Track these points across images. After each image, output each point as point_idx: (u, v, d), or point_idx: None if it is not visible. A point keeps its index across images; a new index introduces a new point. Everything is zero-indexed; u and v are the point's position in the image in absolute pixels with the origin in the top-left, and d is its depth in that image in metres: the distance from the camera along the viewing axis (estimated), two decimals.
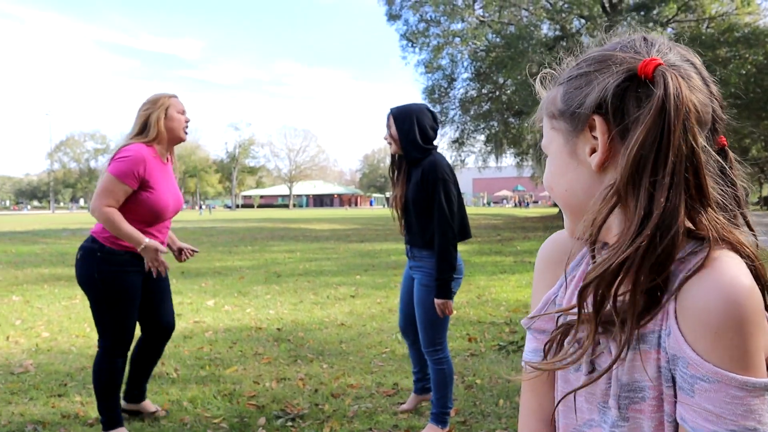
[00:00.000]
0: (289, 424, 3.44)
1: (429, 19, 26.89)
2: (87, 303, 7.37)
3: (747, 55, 21.13)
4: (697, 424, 0.70)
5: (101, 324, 3.15)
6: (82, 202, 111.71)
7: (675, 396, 0.75)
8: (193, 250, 3.58)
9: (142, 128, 3.17)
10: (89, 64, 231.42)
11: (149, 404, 3.58)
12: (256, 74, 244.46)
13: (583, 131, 0.82)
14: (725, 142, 0.87)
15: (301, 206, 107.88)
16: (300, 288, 8.70)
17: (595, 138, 0.81)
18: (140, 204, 3.09)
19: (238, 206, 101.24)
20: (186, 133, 3.31)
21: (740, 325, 0.68)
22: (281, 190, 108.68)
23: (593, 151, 0.81)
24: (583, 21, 23.56)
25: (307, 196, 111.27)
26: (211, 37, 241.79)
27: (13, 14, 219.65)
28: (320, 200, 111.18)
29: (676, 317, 0.73)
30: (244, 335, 5.69)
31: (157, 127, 3.16)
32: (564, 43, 23.02)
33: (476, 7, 25.81)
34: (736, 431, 0.68)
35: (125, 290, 3.12)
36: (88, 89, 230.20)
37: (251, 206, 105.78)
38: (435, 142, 3.28)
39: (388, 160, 3.42)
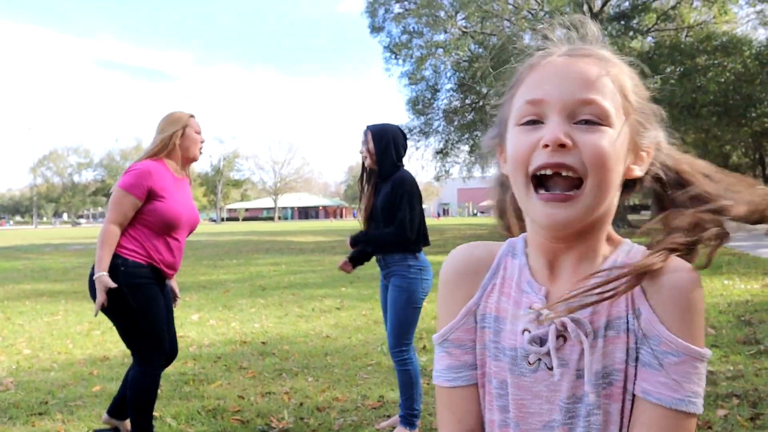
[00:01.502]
0: None
1: (412, 30, 27.05)
2: (69, 319, 7.30)
3: (725, 63, 21.44)
4: (662, 394, 0.79)
5: (136, 336, 3.12)
6: (65, 216, 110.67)
7: (635, 374, 0.82)
8: (175, 296, 3.58)
9: (160, 144, 3.22)
10: (73, 78, 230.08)
11: (128, 424, 3.50)
12: (241, 87, 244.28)
13: (643, 139, 0.90)
14: None
15: (286, 219, 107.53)
16: (285, 301, 8.65)
17: (647, 153, 0.91)
18: (151, 213, 3.11)
19: (223, 219, 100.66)
20: (201, 153, 3.38)
21: (701, 306, 0.82)
22: (266, 202, 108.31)
23: (640, 159, 0.90)
24: (564, 31, 23.73)
25: (292, 208, 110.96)
26: (197, 50, 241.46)
27: None
28: (305, 212, 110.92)
29: (647, 300, 0.82)
30: (229, 349, 5.63)
31: (173, 144, 3.23)
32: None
33: (458, 18, 25.99)
34: (691, 395, 0.80)
35: (153, 298, 3.13)
36: (71, 103, 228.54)
37: (236, 219, 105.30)
38: (403, 160, 3.58)
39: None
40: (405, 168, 3.57)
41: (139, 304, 3.09)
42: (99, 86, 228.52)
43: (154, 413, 3.78)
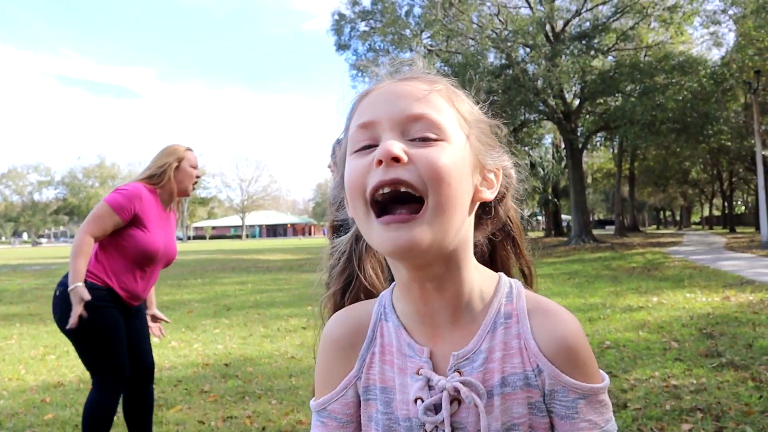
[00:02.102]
0: None
1: (378, 48, 27.24)
2: (24, 343, 7.04)
3: (683, 82, 22.05)
4: None
5: (93, 359, 3.01)
6: (25, 236, 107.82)
7: (550, 425, 0.83)
8: (161, 327, 3.52)
9: (152, 173, 3.16)
10: (34, 95, 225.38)
11: None
12: (207, 103, 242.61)
13: (488, 159, 0.88)
14: None
15: (254, 236, 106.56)
16: (250, 321, 8.50)
17: (495, 176, 0.90)
18: (129, 240, 3.01)
19: (189, 238, 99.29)
20: (194, 188, 3.31)
21: (587, 343, 0.84)
22: (234, 220, 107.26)
23: (489, 182, 0.89)
24: (527, 50, 24.19)
25: (260, 226, 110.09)
26: (160, 66, 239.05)
27: None
28: (273, 230, 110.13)
29: (544, 355, 0.81)
30: (190, 372, 5.48)
31: (167, 176, 3.16)
32: (510, 71, 23.56)
33: (424, 36, 26.26)
34: (606, 424, 0.82)
35: (110, 322, 3.00)
36: (31, 120, 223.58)
37: (203, 237, 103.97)
38: None
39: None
40: None
41: (93, 326, 2.96)
42: (60, 102, 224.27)
43: None
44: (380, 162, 0.75)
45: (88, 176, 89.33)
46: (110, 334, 3.00)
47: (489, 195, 0.87)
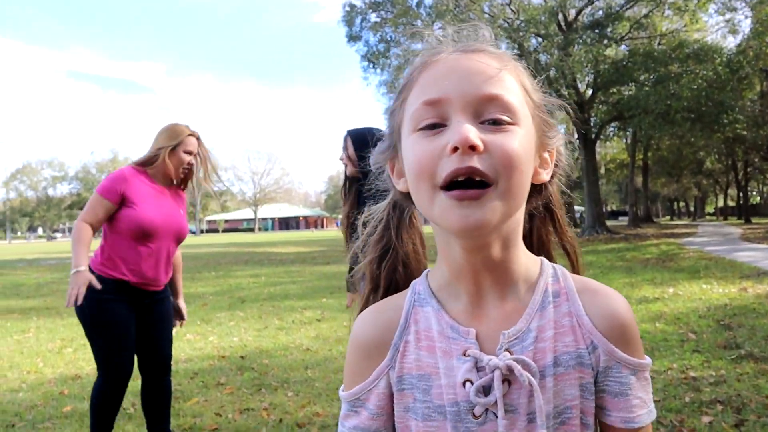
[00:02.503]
0: None
1: (389, 39, 27.13)
2: (41, 336, 7.11)
3: (698, 71, 21.79)
4: (639, 416, 0.81)
5: (95, 353, 3.08)
6: (40, 231, 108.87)
7: (599, 405, 0.82)
8: (181, 319, 3.54)
9: (147, 158, 3.20)
10: (46, 90, 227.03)
11: None
12: (218, 97, 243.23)
13: (549, 140, 0.86)
14: None
15: (266, 230, 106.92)
16: (264, 313, 8.52)
17: (549, 156, 0.88)
18: (123, 220, 3.06)
19: (202, 231, 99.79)
20: (182, 175, 3.30)
21: (635, 321, 0.85)
22: (246, 213, 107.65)
23: (546, 163, 0.87)
24: (540, 39, 23.99)
25: (273, 219, 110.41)
26: (171, 60, 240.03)
27: None
28: (286, 223, 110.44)
29: (599, 331, 0.81)
30: (207, 365, 5.50)
31: (162, 159, 3.18)
32: (522, 61, 23.37)
33: (435, 27, 26.04)
34: (651, 405, 0.83)
35: (114, 318, 3.03)
36: (44, 115, 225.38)
37: (216, 231, 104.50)
38: None
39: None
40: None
41: (97, 322, 3.01)
42: (71, 98, 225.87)
43: None
44: (455, 149, 0.72)
45: (102, 171, 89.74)
46: (112, 329, 3.03)
47: (545, 176, 0.86)
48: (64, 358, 5.95)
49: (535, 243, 0.96)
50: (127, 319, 3.08)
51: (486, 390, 0.78)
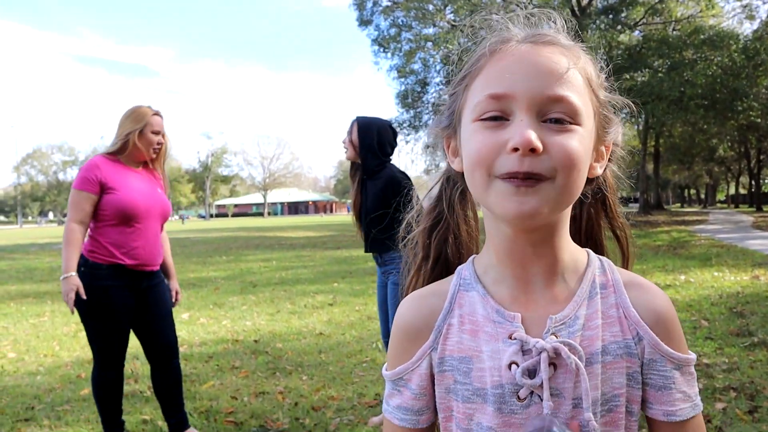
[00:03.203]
0: None
1: (400, 24, 26.97)
2: (56, 320, 7.19)
3: (712, 57, 21.53)
4: (682, 410, 0.81)
5: (89, 338, 3.14)
6: (51, 215, 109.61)
7: (642, 397, 0.83)
8: (175, 301, 3.57)
9: (115, 147, 3.19)
10: (55, 75, 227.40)
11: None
12: (227, 82, 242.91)
13: (606, 135, 0.87)
14: None
15: (276, 214, 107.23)
16: (277, 298, 8.58)
17: (605, 150, 0.88)
18: (106, 207, 3.08)
19: (212, 216, 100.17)
20: (154, 155, 3.30)
21: (678, 318, 0.86)
22: (256, 198, 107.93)
23: (601, 156, 0.87)
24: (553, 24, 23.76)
25: (282, 203, 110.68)
26: (179, 45, 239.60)
27: None
28: (295, 207, 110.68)
29: (646, 324, 0.82)
30: (221, 348, 5.56)
31: (131, 143, 3.17)
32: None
33: (447, 11, 25.91)
34: (696, 399, 0.84)
35: (107, 305, 3.06)
36: (54, 100, 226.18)
37: (225, 215, 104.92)
38: (391, 158, 3.53)
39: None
40: (393, 164, 3.50)
41: (92, 309, 3.05)
42: (80, 83, 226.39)
43: (145, 417, 3.73)
44: (515, 149, 0.73)
45: None
46: (105, 315, 3.07)
47: (599, 170, 0.87)
48: (79, 341, 6.02)
49: (584, 227, 0.96)
50: (123, 305, 3.11)
51: (531, 373, 0.79)
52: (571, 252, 0.86)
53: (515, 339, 0.80)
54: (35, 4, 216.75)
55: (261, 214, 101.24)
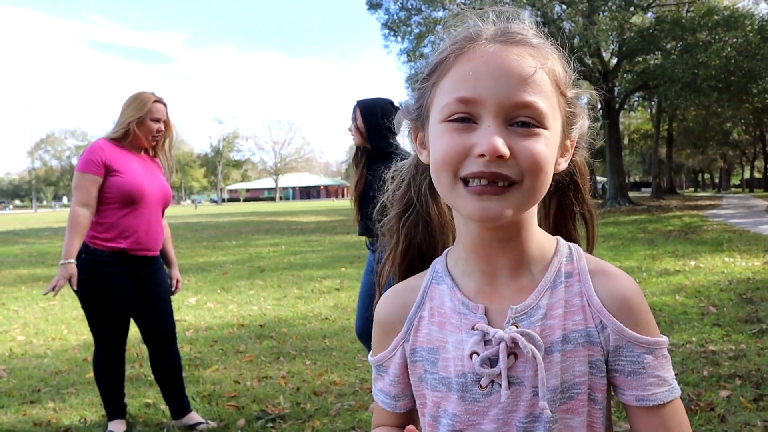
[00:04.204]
0: (270, 425, 3.35)
1: (410, 7, 26.71)
2: (65, 303, 7.25)
3: (727, 38, 21.17)
4: (655, 394, 0.81)
5: (90, 325, 3.16)
6: (65, 200, 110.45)
7: (614, 384, 0.84)
8: (176, 289, 3.56)
9: (116, 134, 3.18)
10: (67, 61, 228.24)
11: (194, 416, 3.41)
12: (238, 66, 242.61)
13: (572, 131, 0.87)
14: None
15: (287, 199, 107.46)
16: (284, 282, 8.60)
17: (570, 143, 0.89)
18: (110, 189, 3.07)
19: (224, 200, 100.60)
20: (154, 143, 3.28)
21: (646, 303, 0.85)
22: (267, 183, 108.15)
23: (566, 151, 0.88)
24: (564, 7, 23.46)
25: (294, 188, 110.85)
26: (191, 30, 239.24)
27: None
28: (307, 192, 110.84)
29: (608, 311, 0.82)
30: (226, 333, 5.58)
31: (129, 129, 3.16)
32: (545, 29, 22.82)
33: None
34: (672, 382, 0.83)
35: (109, 292, 3.07)
36: (67, 86, 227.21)
37: (237, 200, 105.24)
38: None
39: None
40: (401, 147, 3.46)
41: (93, 295, 3.07)
42: (93, 68, 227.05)
43: (148, 400, 3.75)
44: (482, 155, 0.74)
45: None
46: (107, 301, 3.08)
47: (564, 165, 0.88)
48: (87, 324, 6.05)
49: (553, 213, 0.98)
50: (125, 291, 3.12)
51: (492, 362, 0.81)
52: (539, 242, 0.87)
53: (477, 330, 0.83)
54: None
55: (272, 199, 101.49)
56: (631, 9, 22.75)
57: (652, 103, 31.62)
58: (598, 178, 43.54)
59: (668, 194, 42.13)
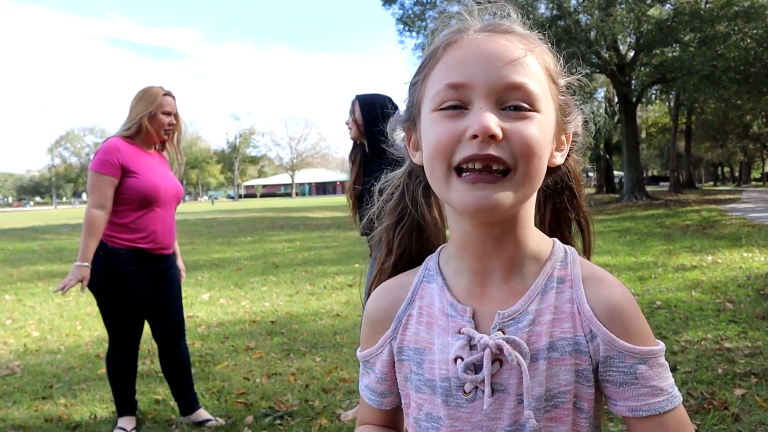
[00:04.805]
0: (278, 422, 3.34)
1: (425, 2, 26.59)
2: (81, 299, 7.32)
3: (746, 30, 20.80)
4: (649, 405, 0.77)
5: (106, 322, 3.16)
6: (84, 196, 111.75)
7: (605, 395, 0.81)
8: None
9: (128, 129, 3.16)
10: (85, 58, 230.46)
11: (202, 413, 3.42)
12: (254, 62, 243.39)
13: (567, 124, 0.86)
14: None
15: (303, 194, 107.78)
16: (297, 278, 8.61)
17: (566, 138, 0.87)
18: (128, 190, 3.06)
19: (240, 196, 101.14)
20: (166, 136, 3.27)
21: (640, 311, 0.81)
22: (284, 179, 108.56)
23: (561, 145, 0.86)
24: (580, 0, 23.21)
25: (310, 184, 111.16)
26: (206, 27, 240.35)
27: (2, 11, 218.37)
28: (323, 188, 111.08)
29: (598, 320, 0.79)
30: (237, 329, 5.59)
31: (143, 128, 3.15)
32: (562, 23, 22.72)
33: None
34: (670, 391, 0.79)
35: (126, 290, 3.08)
36: (85, 84, 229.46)
37: (254, 196, 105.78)
38: None
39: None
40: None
41: (109, 293, 3.07)
42: (110, 65, 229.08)
43: (158, 396, 3.77)
44: (474, 136, 0.73)
45: None
46: (124, 299, 3.09)
47: (560, 159, 0.86)
48: (100, 320, 6.06)
49: (549, 219, 0.96)
50: (141, 289, 3.13)
51: (477, 368, 0.80)
52: (535, 244, 0.85)
53: (463, 334, 0.81)
54: None
55: (289, 195, 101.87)
56: (649, 1, 22.44)
57: (670, 96, 31.18)
58: (615, 173, 43.15)
59: (687, 188, 41.64)
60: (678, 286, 6.50)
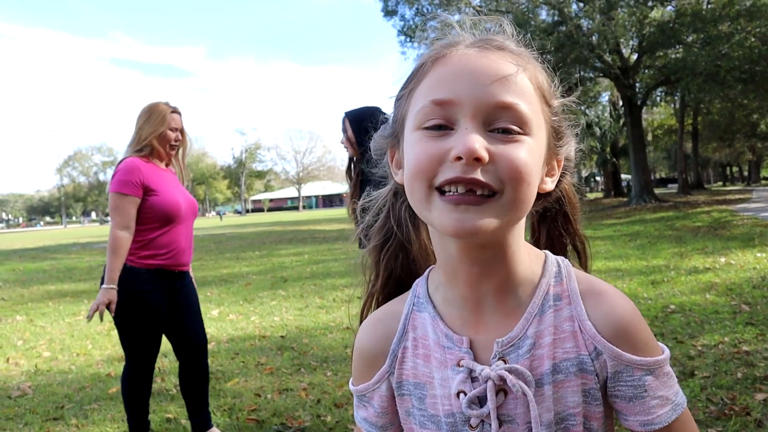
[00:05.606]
0: None
1: (425, 12, 26.66)
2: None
3: (749, 28, 20.73)
4: (659, 416, 0.75)
5: (123, 342, 3.13)
6: (93, 215, 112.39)
7: (616, 410, 0.79)
8: None
9: (139, 148, 3.15)
10: (91, 79, 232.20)
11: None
12: (257, 77, 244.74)
13: (559, 149, 0.82)
14: None
15: (310, 207, 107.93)
16: (306, 292, 8.57)
17: (557, 164, 0.83)
18: (150, 210, 3.05)
19: (248, 211, 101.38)
20: (172, 152, 3.26)
21: (644, 322, 0.79)
22: (290, 192, 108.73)
23: (552, 170, 0.82)
24: (581, 4, 23.21)
25: (317, 197, 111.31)
26: (209, 44, 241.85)
27: (5, 33, 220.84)
28: (329, 200, 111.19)
29: (602, 336, 0.76)
30: (248, 345, 5.55)
31: (148, 142, 3.14)
32: (563, 28, 22.71)
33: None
34: (676, 398, 0.77)
35: (144, 310, 3.06)
36: (92, 104, 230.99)
37: (261, 210, 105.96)
38: None
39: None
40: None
41: (127, 313, 3.03)
42: (116, 85, 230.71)
43: (170, 415, 3.73)
44: (459, 158, 0.68)
45: None
46: (142, 319, 3.06)
47: (550, 185, 0.82)
48: (111, 339, 6.09)
49: (543, 243, 0.92)
50: (159, 308, 3.10)
51: (481, 401, 0.76)
52: (527, 264, 0.80)
53: (463, 366, 0.77)
54: (70, 11, 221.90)
55: (296, 208, 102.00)
56: (650, 3, 22.41)
57: (675, 97, 31.08)
58: (623, 176, 42.95)
59: (695, 189, 41.39)
60: (692, 289, 6.42)
